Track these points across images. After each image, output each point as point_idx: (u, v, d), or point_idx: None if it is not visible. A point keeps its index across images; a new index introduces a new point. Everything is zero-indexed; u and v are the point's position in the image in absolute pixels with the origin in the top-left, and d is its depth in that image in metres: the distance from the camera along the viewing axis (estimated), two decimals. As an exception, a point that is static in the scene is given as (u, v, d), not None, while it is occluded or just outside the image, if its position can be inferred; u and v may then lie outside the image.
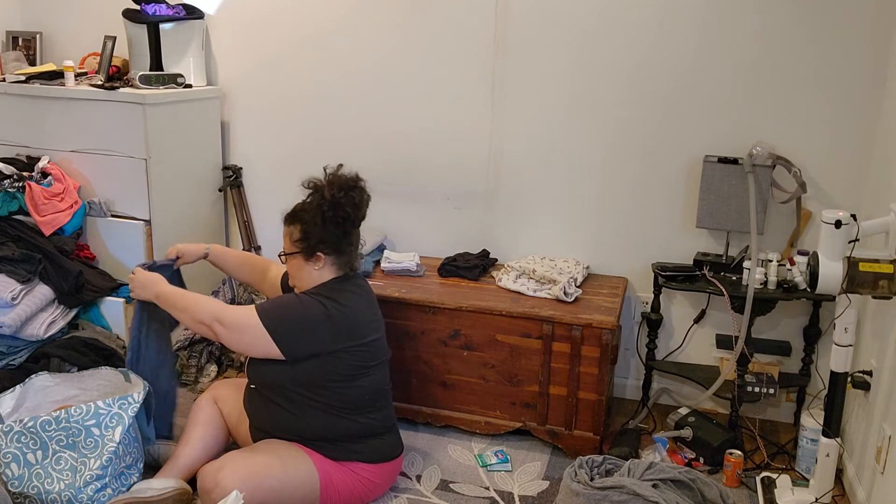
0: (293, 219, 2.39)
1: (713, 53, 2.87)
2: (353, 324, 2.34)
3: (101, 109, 3.04)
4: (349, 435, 2.38)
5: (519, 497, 2.54)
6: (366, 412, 2.40)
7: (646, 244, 3.09)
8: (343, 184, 2.39)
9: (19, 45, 3.54)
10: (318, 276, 2.39)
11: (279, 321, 2.28)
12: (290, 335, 2.29)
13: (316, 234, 2.34)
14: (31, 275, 2.87)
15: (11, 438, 2.25)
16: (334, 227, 2.35)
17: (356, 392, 2.37)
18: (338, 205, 2.34)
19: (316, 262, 2.38)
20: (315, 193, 2.38)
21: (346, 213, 2.36)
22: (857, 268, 2.11)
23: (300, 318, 2.30)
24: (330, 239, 2.35)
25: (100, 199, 3.12)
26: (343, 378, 2.34)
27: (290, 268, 2.44)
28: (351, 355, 2.34)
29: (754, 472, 2.67)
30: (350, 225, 2.39)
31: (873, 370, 2.44)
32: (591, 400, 2.74)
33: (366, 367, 2.38)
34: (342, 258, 2.41)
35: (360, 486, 2.39)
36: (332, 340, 2.31)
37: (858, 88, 2.75)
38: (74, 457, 2.27)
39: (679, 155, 2.98)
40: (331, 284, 2.40)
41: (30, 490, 2.24)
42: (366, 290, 2.49)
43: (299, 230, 2.37)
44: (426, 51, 3.17)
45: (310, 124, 3.39)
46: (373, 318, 2.44)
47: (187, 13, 3.28)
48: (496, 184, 3.22)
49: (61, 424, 2.26)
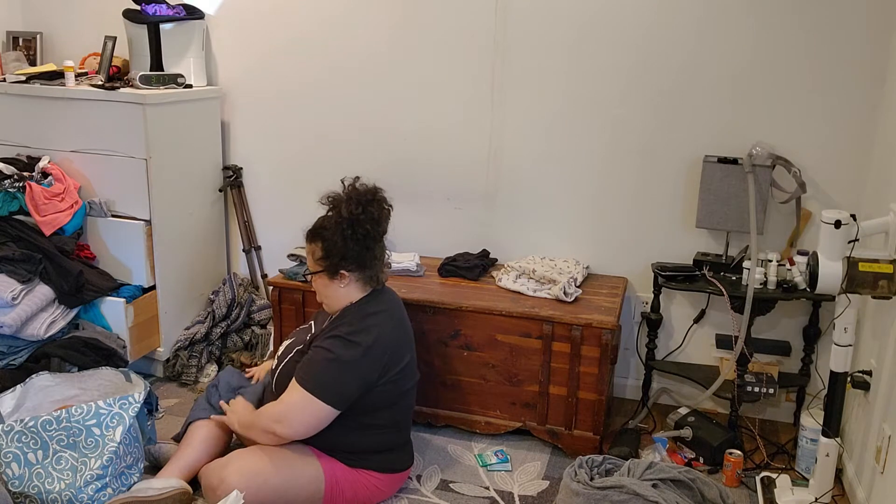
0: (314, 236, 2.35)
1: (713, 53, 2.87)
2: (389, 350, 2.30)
3: (102, 109, 3.04)
4: (370, 448, 2.38)
5: (519, 497, 2.55)
6: (393, 429, 2.41)
7: (645, 244, 3.09)
8: (361, 199, 2.32)
9: (19, 45, 3.54)
10: (345, 293, 2.35)
11: (327, 387, 2.22)
12: (343, 393, 2.24)
13: (337, 252, 2.30)
14: (32, 275, 2.87)
15: (12, 438, 2.25)
16: (354, 244, 2.30)
17: (389, 414, 2.37)
18: (357, 222, 2.29)
19: (341, 279, 2.33)
20: (334, 209, 2.33)
21: (365, 230, 2.30)
22: (857, 268, 2.11)
23: (344, 370, 2.24)
24: (351, 256, 2.30)
25: (100, 199, 3.12)
26: (380, 404, 2.33)
27: (316, 286, 2.40)
28: (393, 381, 2.32)
29: (754, 471, 2.67)
30: (371, 241, 2.33)
31: (873, 370, 2.44)
32: (591, 400, 2.74)
33: (403, 392, 2.38)
34: (367, 273, 2.35)
35: (366, 491, 2.39)
36: (379, 374, 2.28)
37: (858, 88, 2.75)
38: (75, 456, 2.27)
39: (679, 155, 2.98)
40: (361, 309, 2.34)
41: (30, 490, 2.24)
42: (395, 305, 2.44)
43: (321, 248, 2.32)
44: (426, 50, 3.17)
45: (310, 124, 3.39)
46: (404, 334, 2.41)
47: (187, 13, 3.28)
48: (496, 184, 3.22)
49: (62, 424, 2.26)
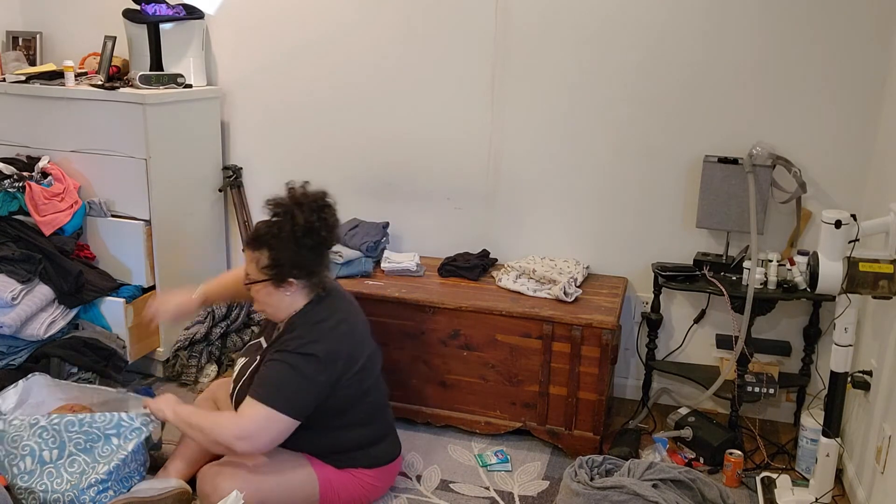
0: (259, 244, 2.22)
1: (713, 54, 2.86)
2: (345, 353, 2.25)
3: (101, 109, 3.04)
4: (351, 446, 2.37)
5: (519, 497, 2.54)
6: (367, 424, 2.39)
7: (646, 244, 3.09)
8: (314, 205, 2.22)
9: (19, 45, 3.54)
10: (290, 301, 2.26)
11: (287, 400, 2.16)
12: (302, 405, 2.19)
13: (288, 260, 2.19)
14: (32, 275, 2.86)
15: (34, 432, 2.24)
16: (309, 252, 2.20)
17: (358, 411, 2.35)
18: (312, 229, 2.19)
19: (287, 287, 2.23)
20: (284, 216, 2.20)
21: (321, 238, 2.22)
22: (857, 268, 2.11)
23: (303, 383, 2.18)
24: (304, 265, 2.21)
25: (100, 199, 3.12)
26: (345, 405, 2.31)
27: (257, 294, 2.28)
28: (353, 382, 2.29)
29: (754, 472, 2.67)
30: (324, 248, 2.26)
31: (873, 370, 2.44)
32: (591, 400, 2.74)
33: (366, 389, 2.35)
34: (314, 280, 2.27)
35: (360, 490, 2.39)
36: (336, 381, 2.24)
37: (859, 88, 2.75)
38: (87, 461, 2.26)
39: (679, 155, 2.98)
40: (309, 317, 2.26)
41: (37, 487, 2.22)
42: (343, 306, 2.36)
43: (268, 256, 2.20)
44: (426, 50, 3.17)
45: (310, 124, 3.39)
46: (358, 335, 2.34)
47: (187, 13, 3.28)
48: (496, 184, 3.22)
49: (83, 428, 2.26)
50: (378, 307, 2.86)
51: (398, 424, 2.87)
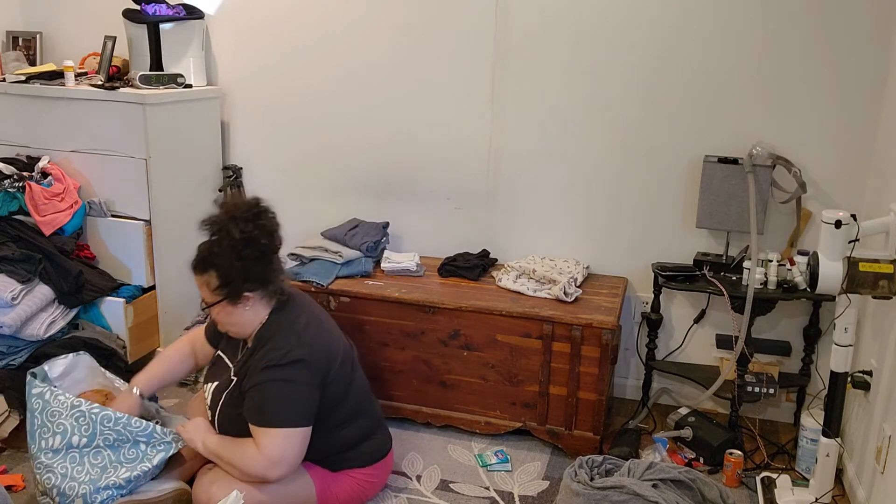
0: (205, 266, 2.19)
1: (713, 54, 2.86)
2: (325, 349, 2.26)
3: (101, 109, 3.04)
4: (343, 447, 2.37)
5: (519, 497, 2.54)
6: (355, 419, 2.39)
7: (646, 244, 3.09)
8: (248, 214, 2.18)
9: (19, 45, 3.54)
10: (252, 315, 2.23)
11: (294, 413, 2.17)
12: (309, 411, 2.20)
13: (237, 275, 2.16)
14: (31, 275, 2.86)
15: (72, 414, 2.24)
16: (255, 263, 2.17)
17: (345, 407, 2.34)
18: (252, 239, 2.15)
19: (245, 302, 2.20)
20: (220, 233, 2.16)
21: (263, 246, 2.18)
22: (857, 268, 2.11)
23: (302, 390, 2.18)
24: (254, 276, 2.18)
25: (100, 199, 3.12)
26: (332, 403, 2.30)
27: (217, 316, 2.25)
28: (337, 377, 2.29)
29: (754, 472, 2.67)
30: (270, 254, 2.23)
31: (873, 370, 2.44)
32: (591, 400, 2.74)
33: (349, 382, 2.34)
34: (270, 288, 2.24)
35: (358, 488, 2.39)
36: (324, 379, 2.24)
37: (859, 88, 2.75)
38: (111, 459, 2.26)
39: (679, 155, 2.98)
40: (277, 325, 2.24)
41: (58, 468, 2.21)
42: (308, 307, 2.34)
43: (216, 277, 2.17)
44: (426, 50, 3.17)
45: (310, 124, 3.39)
46: (330, 331, 2.34)
47: (187, 13, 3.28)
48: (496, 184, 3.22)
49: (117, 427, 2.25)
50: (378, 307, 2.86)
51: (398, 424, 2.89)
